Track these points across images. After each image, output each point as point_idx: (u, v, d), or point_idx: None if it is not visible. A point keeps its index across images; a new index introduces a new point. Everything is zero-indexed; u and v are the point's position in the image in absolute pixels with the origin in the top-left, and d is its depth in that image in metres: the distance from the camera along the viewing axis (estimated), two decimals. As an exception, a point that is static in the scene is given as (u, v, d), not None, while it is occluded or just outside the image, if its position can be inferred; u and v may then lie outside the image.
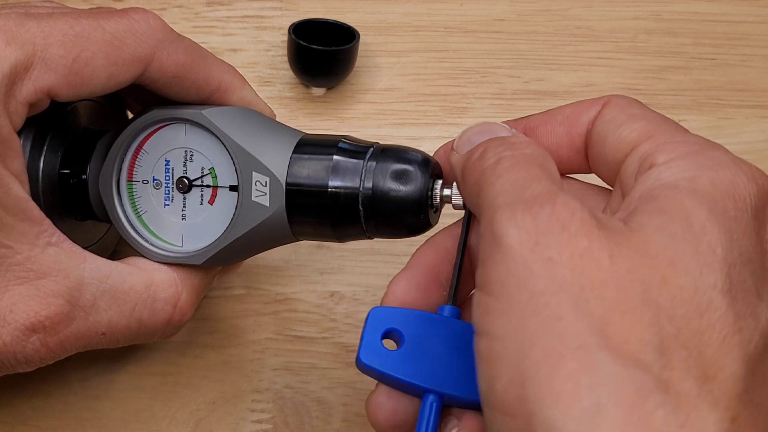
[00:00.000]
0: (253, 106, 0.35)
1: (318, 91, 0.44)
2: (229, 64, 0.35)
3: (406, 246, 0.35)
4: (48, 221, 0.30)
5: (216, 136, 0.32)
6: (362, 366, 0.28)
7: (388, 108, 0.44)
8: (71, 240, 0.31)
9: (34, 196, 0.30)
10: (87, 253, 0.31)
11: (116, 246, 0.38)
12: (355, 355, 0.38)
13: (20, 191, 0.29)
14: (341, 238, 0.32)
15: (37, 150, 0.32)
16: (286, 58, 0.44)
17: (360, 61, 0.44)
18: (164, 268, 0.33)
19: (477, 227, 0.28)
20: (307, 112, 0.44)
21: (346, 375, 0.38)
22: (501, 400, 0.22)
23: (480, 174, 0.26)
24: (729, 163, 0.26)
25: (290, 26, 0.42)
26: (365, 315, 0.39)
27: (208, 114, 0.32)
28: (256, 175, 0.32)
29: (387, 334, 0.28)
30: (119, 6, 0.45)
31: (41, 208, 0.30)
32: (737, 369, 0.22)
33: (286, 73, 0.44)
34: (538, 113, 0.31)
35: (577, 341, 0.22)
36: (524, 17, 0.47)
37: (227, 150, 0.32)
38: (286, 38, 0.43)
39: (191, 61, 0.33)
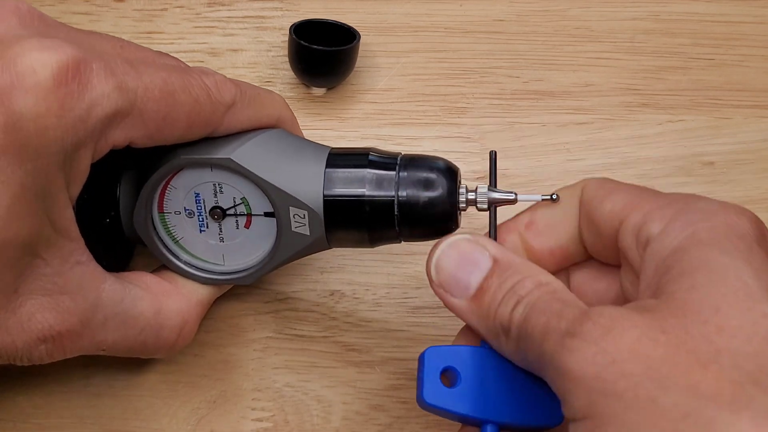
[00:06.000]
0: (290, 125, 0.36)
1: (318, 91, 0.45)
2: (278, 94, 0.36)
3: (406, 245, 0.35)
4: (82, 241, 0.31)
5: (247, 178, 0.33)
6: (426, 405, 0.29)
7: (388, 108, 0.44)
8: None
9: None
10: (107, 275, 0.32)
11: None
12: (355, 354, 0.39)
13: (71, 214, 0.30)
14: (375, 243, 0.34)
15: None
16: (286, 59, 0.44)
17: (360, 61, 0.44)
18: (173, 296, 0.34)
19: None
20: (308, 112, 0.44)
21: (347, 374, 0.38)
22: None
23: (507, 331, 0.28)
24: (717, 209, 0.27)
25: (291, 26, 0.42)
26: (365, 314, 0.40)
27: (237, 158, 0.33)
28: (293, 210, 0.33)
29: (443, 372, 0.30)
30: (120, 5, 0.46)
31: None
32: None
33: (287, 73, 0.45)
34: (524, 211, 0.33)
35: (681, 412, 0.23)
36: (523, 18, 0.47)
37: (260, 189, 0.33)
38: (286, 38, 0.43)
39: (255, 115, 0.34)
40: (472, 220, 0.42)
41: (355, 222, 0.33)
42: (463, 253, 0.30)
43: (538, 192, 0.33)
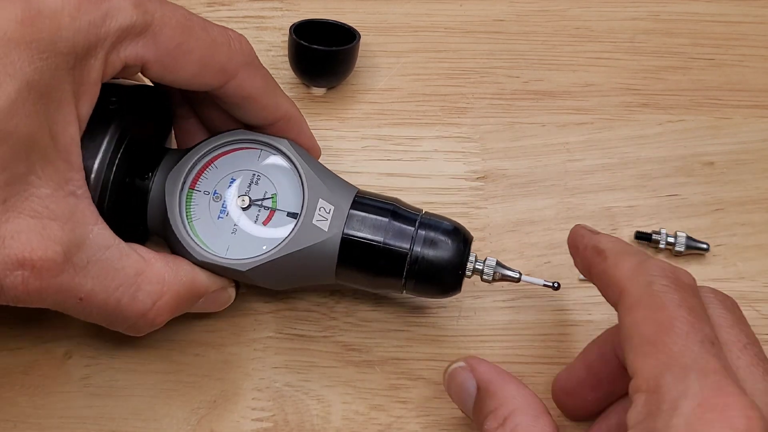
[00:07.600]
0: (307, 139, 0.37)
1: (318, 91, 0.45)
2: (292, 100, 0.37)
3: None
4: (82, 173, 0.31)
5: (292, 163, 0.35)
6: None
7: (388, 108, 0.44)
8: None
9: (102, 190, 0.32)
10: (100, 219, 0.32)
11: None
12: (355, 354, 0.39)
13: (76, 135, 0.30)
14: (378, 287, 0.36)
15: (115, 150, 0.33)
16: (286, 58, 0.44)
17: (360, 61, 0.44)
18: (159, 265, 0.34)
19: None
20: (308, 112, 0.44)
21: (347, 373, 0.38)
22: None
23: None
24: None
25: (291, 26, 0.42)
26: (365, 314, 0.40)
27: (291, 144, 0.36)
28: (322, 202, 0.35)
29: None
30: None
31: (104, 204, 0.32)
32: None
33: (287, 73, 0.45)
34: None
35: None
36: (523, 18, 0.47)
37: (300, 175, 0.35)
38: (286, 38, 0.43)
39: (265, 88, 0.35)
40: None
41: (366, 259, 0.35)
42: (457, 383, 0.34)
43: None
